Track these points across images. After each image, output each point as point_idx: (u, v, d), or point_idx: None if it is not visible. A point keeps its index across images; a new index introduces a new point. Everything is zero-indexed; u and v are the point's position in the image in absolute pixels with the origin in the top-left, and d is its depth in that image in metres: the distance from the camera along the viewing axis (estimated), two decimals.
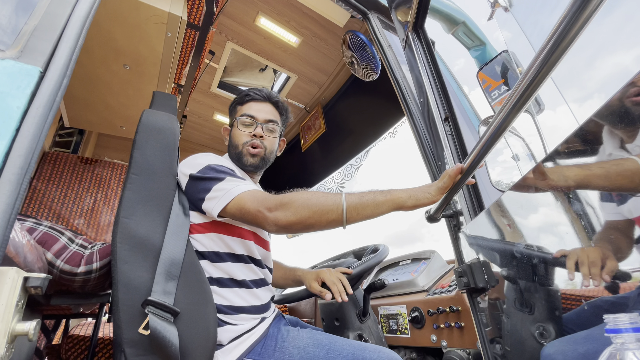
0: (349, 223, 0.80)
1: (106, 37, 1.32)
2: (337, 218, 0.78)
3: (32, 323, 0.45)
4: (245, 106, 1.08)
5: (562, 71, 0.65)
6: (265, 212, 0.79)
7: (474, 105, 1.54)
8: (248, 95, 1.08)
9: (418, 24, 1.30)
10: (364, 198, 0.80)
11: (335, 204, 0.78)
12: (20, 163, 0.45)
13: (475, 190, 1.02)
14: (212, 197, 0.84)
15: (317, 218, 0.78)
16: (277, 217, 0.78)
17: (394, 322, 1.44)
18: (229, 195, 0.83)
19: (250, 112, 1.06)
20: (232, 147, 1.07)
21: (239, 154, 1.04)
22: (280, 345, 0.83)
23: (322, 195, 0.81)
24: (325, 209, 0.78)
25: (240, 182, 0.87)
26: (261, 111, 1.07)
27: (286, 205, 0.79)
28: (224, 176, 0.88)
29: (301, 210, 0.78)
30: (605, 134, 0.52)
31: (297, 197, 0.80)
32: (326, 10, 1.81)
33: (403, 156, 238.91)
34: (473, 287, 0.88)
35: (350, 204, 0.79)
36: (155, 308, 0.69)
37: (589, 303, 0.57)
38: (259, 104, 1.08)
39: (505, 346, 0.82)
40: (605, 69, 1.15)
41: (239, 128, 1.05)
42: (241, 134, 1.04)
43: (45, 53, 0.53)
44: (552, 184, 0.64)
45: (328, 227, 0.80)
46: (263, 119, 1.06)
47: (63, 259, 0.93)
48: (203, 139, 2.97)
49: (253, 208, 0.80)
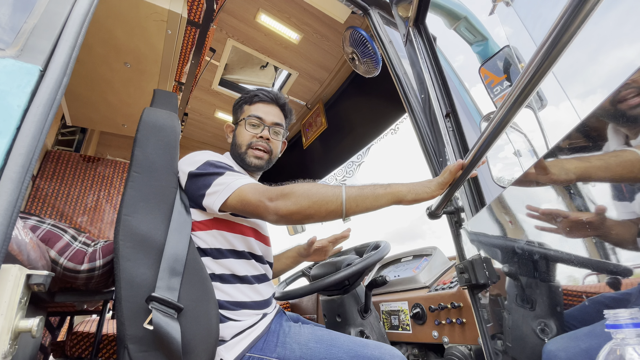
0: (348, 215, 0.81)
1: (107, 35, 1.32)
2: (336, 209, 0.79)
3: (35, 320, 0.46)
4: (253, 106, 1.08)
5: (566, 67, 0.64)
6: (267, 202, 0.80)
7: (476, 101, 1.53)
8: (257, 96, 1.08)
9: (419, 19, 1.29)
10: (364, 190, 0.81)
11: (334, 195, 0.79)
12: (22, 161, 0.45)
13: (477, 187, 1.02)
14: (212, 192, 0.85)
15: (316, 208, 0.79)
16: (277, 206, 0.79)
17: (395, 318, 1.44)
18: (229, 189, 0.83)
19: (258, 113, 1.06)
20: (236, 146, 1.07)
21: (242, 153, 1.04)
22: (282, 341, 0.84)
23: (323, 187, 0.82)
24: (325, 200, 0.79)
25: (240, 176, 0.88)
26: (269, 113, 1.07)
27: (287, 195, 0.80)
28: (224, 171, 0.88)
29: (301, 200, 0.79)
30: (607, 130, 0.51)
31: (298, 188, 0.81)
32: (327, 6, 1.79)
33: (405, 153, 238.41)
34: (474, 283, 0.88)
35: (349, 196, 0.79)
36: (159, 304, 0.70)
37: (590, 299, 0.57)
38: (266, 106, 1.08)
39: (507, 342, 0.82)
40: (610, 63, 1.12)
41: (246, 128, 1.05)
42: (247, 134, 1.05)
43: (45, 51, 0.53)
44: (554, 179, 0.63)
45: (327, 218, 0.81)
46: (270, 122, 1.06)
47: (66, 256, 0.94)
48: (204, 137, 2.98)
49: (254, 199, 0.81)
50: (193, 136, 2.95)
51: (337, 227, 5.85)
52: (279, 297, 1.20)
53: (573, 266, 0.61)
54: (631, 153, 0.48)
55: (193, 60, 1.60)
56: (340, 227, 2.93)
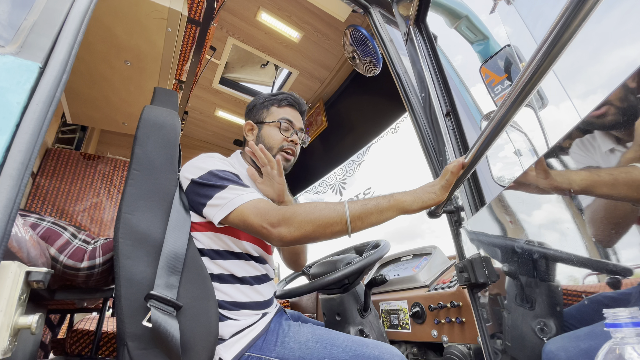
0: (353, 232, 0.79)
1: (107, 33, 1.32)
2: (341, 229, 0.78)
3: (35, 317, 0.46)
4: (282, 109, 1.08)
5: (568, 66, 0.64)
6: (269, 228, 0.78)
7: (477, 100, 1.53)
8: (286, 100, 1.10)
9: (420, 18, 1.29)
10: (367, 205, 0.79)
11: (338, 215, 0.77)
12: (21, 158, 0.45)
13: (477, 186, 1.02)
14: (213, 205, 0.83)
15: (321, 231, 0.77)
16: (281, 233, 0.77)
17: (395, 317, 1.45)
18: (230, 205, 0.81)
19: (289, 117, 1.07)
20: (265, 147, 1.04)
21: (272, 156, 1.04)
22: (281, 340, 0.83)
23: (325, 207, 0.79)
24: (329, 221, 0.77)
25: (242, 191, 0.84)
26: (297, 119, 1.10)
27: (289, 220, 0.78)
28: (227, 184, 0.85)
29: (304, 225, 0.77)
30: (605, 130, 0.51)
31: (300, 211, 0.78)
32: (327, 4, 1.79)
33: (405, 152, 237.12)
34: (474, 282, 0.88)
35: (353, 214, 0.78)
36: (157, 302, 0.70)
37: (590, 298, 0.57)
38: (294, 111, 1.10)
39: (506, 341, 0.82)
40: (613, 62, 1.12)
41: (281, 132, 1.05)
42: (280, 137, 1.05)
43: (44, 49, 0.53)
44: (554, 180, 0.63)
45: (334, 238, 0.80)
46: (299, 127, 1.10)
47: (66, 254, 0.94)
48: (205, 136, 2.97)
49: (256, 223, 0.79)
50: (193, 135, 2.95)
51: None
52: (279, 296, 1.21)
53: (573, 266, 0.61)
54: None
55: (193, 59, 1.60)
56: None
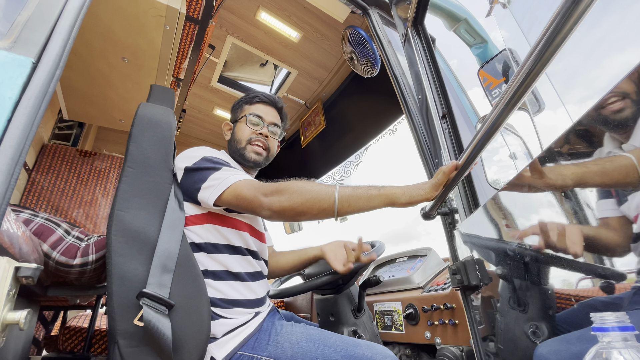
0: (340, 214, 0.81)
1: (104, 29, 1.32)
2: (328, 207, 0.80)
3: (23, 312, 0.46)
4: (253, 106, 1.13)
5: (565, 71, 0.64)
6: (261, 197, 0.81)
7: (474, 103, 1.53)
8: (257, 97, 1.15)
9: (418, 20, 1.29)
10: (357, 191, 0.82)
11: (328, 194, 0.80)
12: (11, 154, 0.45)
13: (471, 189, 1.02)
14: (208, 186, 0.86)
15: (309, 206, 0.80)
16: (271, 202, 0.81)
17: (388, 318, 1.45)
18: (225, 183, 0.84)
19: (258, 112, 1.11)
20: (235, 142, 1.10)
21: (242, 149, 1.08)
22: (273, 340, 0.83)
23: (317, 185, 0.83)
24: (318, 198, 0.80)
25: (236, 172, 0.89)
26: (268, 114, 1.13)
27: (281, 191, 0.81)
28: (220, 166, 0.90)
29: (295, 197, 0.80)
30: (598, 133, 0.51)
31: (293, 185, 0.82)
32: (327, 5, 1.79)
33: (402, 153, 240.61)
34: (466, 284, 0.88)
35: (342, 196, 0.80)
36: (149, 300, 0.70)
37: (582, 303, 0.57)
38: (266, 107, 1.14)
39: (498, 344, 0.82)
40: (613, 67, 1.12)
41: (247, 125, 1.09)
42: (248, 130, 1.09)
43: (38, 44, 0.53)
44: (550, 183, 0.63)
45: (320, 216, 0.82)
46: (269, 121, 1.12)
47: (59, 250, 0.93)
48: (203, 134, 2.97)
49: (249, 194, 0.82)
50: (191, 133, 2.94)
51: (333, 226, 5.81)
52: (273, 295, 1.20)
53: (565, 269, 0.61)
54: (625, 159, 0.48)
55: (192, 57, 1.60)
56: (336, 227, 2.93)
